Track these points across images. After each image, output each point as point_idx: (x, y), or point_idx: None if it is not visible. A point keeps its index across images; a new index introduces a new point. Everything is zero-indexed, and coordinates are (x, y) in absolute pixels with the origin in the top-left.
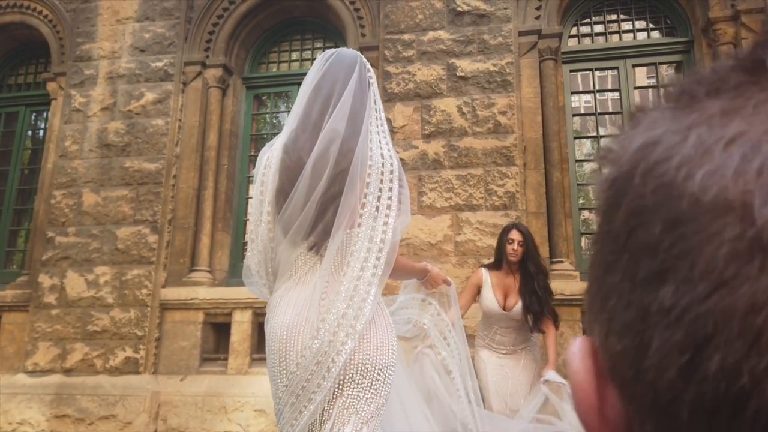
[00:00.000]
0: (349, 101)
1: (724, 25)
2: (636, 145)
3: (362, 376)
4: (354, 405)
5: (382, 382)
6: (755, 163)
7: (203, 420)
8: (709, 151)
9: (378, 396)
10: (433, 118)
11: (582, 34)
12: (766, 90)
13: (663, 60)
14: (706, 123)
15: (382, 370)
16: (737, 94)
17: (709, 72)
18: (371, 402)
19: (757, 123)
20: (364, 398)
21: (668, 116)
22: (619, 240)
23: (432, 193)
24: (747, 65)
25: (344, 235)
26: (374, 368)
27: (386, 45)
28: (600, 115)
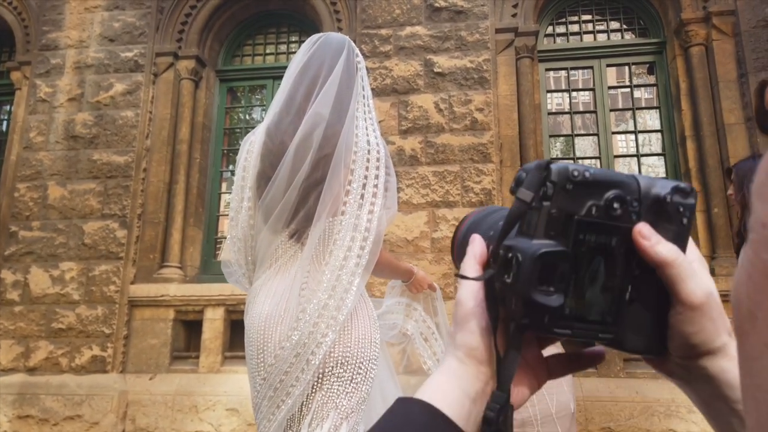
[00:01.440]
0: (336, 85)
1: (695, 26)
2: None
3: (342, 369)
4: (334, 399)
5: (364, 376)
6: None
7: (173, 420)
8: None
9: (359, 390)
10: (410, 113)
11: (557, 34)
12: None
13: (636, 60)
14: None
15: (363, 364)
16: None
17: None
18: (352, 396)
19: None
20: (344, 392)
21: None
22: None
23: (409, 189)
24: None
25: (327, 223)
26: (355, 361)
27: (363, 39)
28: (574, 114)
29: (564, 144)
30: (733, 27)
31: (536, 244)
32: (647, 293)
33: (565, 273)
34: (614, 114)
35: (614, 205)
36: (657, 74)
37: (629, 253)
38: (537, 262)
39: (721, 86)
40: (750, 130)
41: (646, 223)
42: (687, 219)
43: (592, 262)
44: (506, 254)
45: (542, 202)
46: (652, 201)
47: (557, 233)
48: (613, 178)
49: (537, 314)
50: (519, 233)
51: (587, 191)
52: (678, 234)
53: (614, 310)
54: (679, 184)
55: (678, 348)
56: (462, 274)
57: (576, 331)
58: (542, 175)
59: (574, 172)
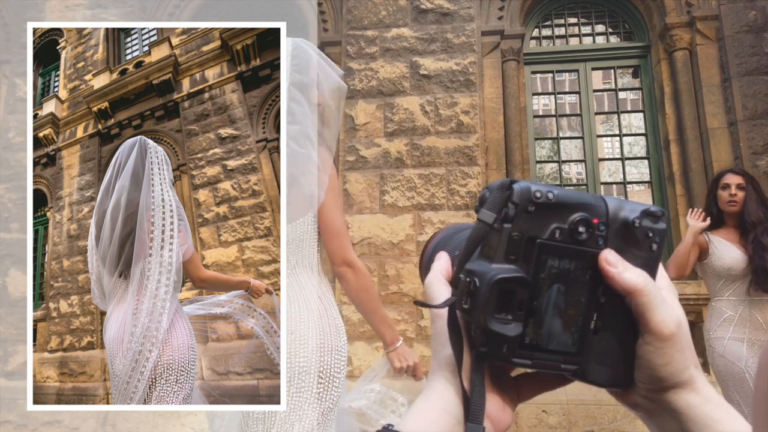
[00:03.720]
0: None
1: (680, 30)
2: None
3: (301, 379)
4: (296, 411)
5: (326, 386)
6: None
7: (155, 425)
8: None
9: (324, 400)
10: (396, 116)
11: (543, 36)
12: None
13: (621, 64)
14: None
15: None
16: None
17: None
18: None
19: None
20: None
21: None
22: None
23: (394, 192)
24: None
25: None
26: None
27: (349, 41)
28: (559, 117)
29: (550, 147)
30: (717, 32)
31: (494, 269)
32: (614, 322)
33: (524, 300)
34: (599, 117)
35: (579, 229)
36: (642, 78)
37: (595, 279)
38: (494, 288)
39: (704, 90)
40: (733, 135)
41: (611, 250)
42: (657, 245)
43: (554, 288)
44: (465, 279)
45: (503, 224)
46: (620, 225)
47: (518, 257)
48: (579, 200)
49: (495, 343)
50: (481, 256)
51: (551, 213)
52: (647, 260)
53: (578, 339)
54: (650, 207)
55: (645, 380)
56: (422, 302)
57: (536, 362)
58: (504, 196)
59: (536, 192)
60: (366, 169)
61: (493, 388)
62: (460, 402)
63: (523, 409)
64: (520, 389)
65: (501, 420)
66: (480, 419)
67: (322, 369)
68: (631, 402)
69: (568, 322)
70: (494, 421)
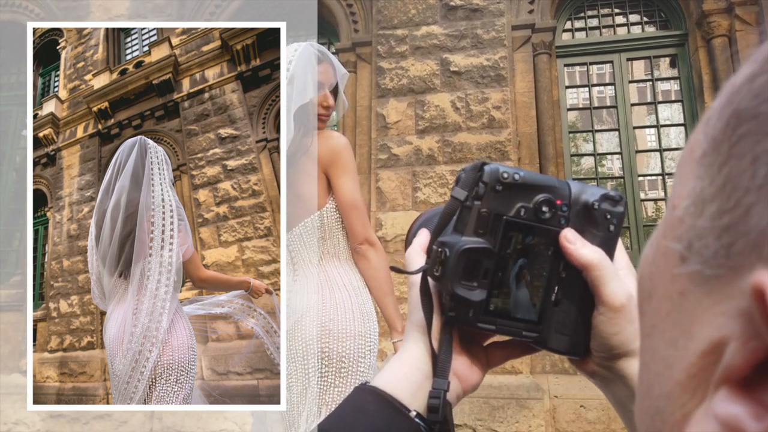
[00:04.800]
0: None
1: (718, 17)
2: None
3: (324, 364)
4: (322, 396)
5: (348, 370)
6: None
7: (199, 418)
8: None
9: (348, 385)
10: (427, 113)
11: (576, 29)
12: None
13: (657, 53)
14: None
15: (346, 358)
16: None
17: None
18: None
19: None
20: (332, 385)
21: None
22: None
23: (426, 188)
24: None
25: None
26: (337, 356)
27: (379, 40)
28: (595, 109)
29: (584, 140)
30: (757, 17)
31: (463, 241)
32: (573, 295)
33: (489, 270)
34: (637, 108)
35: (543, 209)
36: (679, 67)
37: (557, 255)
38: (461, 257)
39: None
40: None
41: (571, 229)
42: (614, 226)
43: (518, 261)
44: (437, 249)
45: (474, 201)
46: (581, 207)
47: (485, 232)
48: (543, 182)
49: (462, 308)
50: (453, 230)
51: (517, 193)
52: (604, 240)
53: (539, 309)
54: (609, 192)
55: (599, 348)
56: (397, 268)
57: (500, 328)
58: (476, 175)
59: (504, 173)
60: (398, 166)
61: (463, 351)
62: (429, 360)
63: (560, 404)
64: (490, 356)
65: (468, 378)
66: (445, 375)
67: (346, 354)
68: (588, 370)
69: (531, 293)
70: (462, 378)
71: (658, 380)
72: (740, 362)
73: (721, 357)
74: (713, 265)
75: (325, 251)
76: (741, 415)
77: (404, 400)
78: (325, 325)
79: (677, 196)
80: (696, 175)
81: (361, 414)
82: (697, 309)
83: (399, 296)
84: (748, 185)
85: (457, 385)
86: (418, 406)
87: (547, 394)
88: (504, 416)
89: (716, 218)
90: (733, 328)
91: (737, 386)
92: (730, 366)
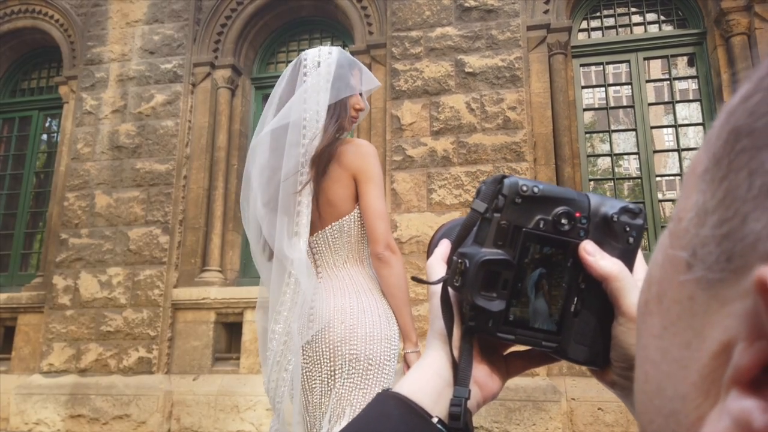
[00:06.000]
0: (279, 91)
1: (737, 15)
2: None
3: (351, 366)
4: (347, 396)
5: (375, 373)
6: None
7: (216, 419)
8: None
9: (373, 387)
10: (442, 114)
11: (592, 28)
12: None
13: (675, 52)
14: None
15: (373, 360)
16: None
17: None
18: (366, 392)
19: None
20: (357, 387)
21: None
22: None
23: (441, 190)
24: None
25: (330, 229)
26: (365, 358)
27: (394, 42)
28: (612, 109)
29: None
30: None
31: (482, 252)
32: (592, 306)
33: (509, 280)
34: (654, 108)
35: (562, 221)
36: (697, 66)
37: (576, 267)
38: (480, 268)
39: None
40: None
41: (590, 241)
42: (633, 238)
43: (537, 272)
44: (458, 260)
45: (494, 213)
46: (600, 219)
47: (505, 243)
48: (562, 195)
49: (482, 317)
50: (474, 242)
51: (536, 206)
52: (624, 252)
53: (559, 320)
54: (628, 205)
55: (619, 359)
56: (418, 278)
57: (519, 337)
58: (495, 188)
59: (523, 186)
60: (413, 168)
61: (483, 360)
62: (450, 367)
63: (578, 407)
64: (510, 365)
65: (488, 387)
66: (466, 383)
67: (372, 356)
68: (609, 380)
69: (550, 303)
70: (482, 386)
71: (671, 381)
72: (748, 362)
73: (730, 358)
74: (716, 270)
75: (349, 256)
76: (750, 408)
77: (426, 406)
78: (352, 328)
79: (682, 209)
80: (699, 190)
81: (385, 419)
82: (707, 312)
83: (414, 298)
84: (745, 196)
85: (478, 393)
86: (440, 412)
87: (564, 397)
88: (521, 418)
89: (717, 227)
90: (739, 329)
91: (747, 387)
92: (739, 367)
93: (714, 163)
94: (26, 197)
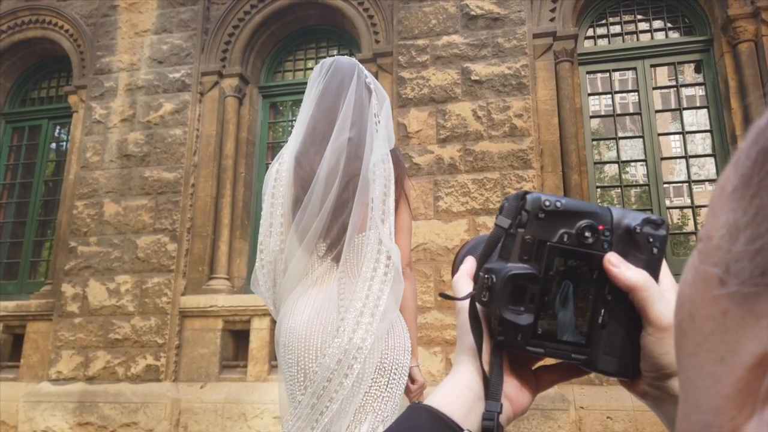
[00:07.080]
0: (351, 110)
1: (744, 22)
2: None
3: (379, 374)
4: (371, 403)
5: (398, 381)
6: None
7: (223, 427)
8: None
9: (394, 395)
10: (448, 122)
11: (598, 35)
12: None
13: (682, 59)
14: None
15: (397, 369)
16: None
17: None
18: (388, 401)
19: None
20: (381, 397)
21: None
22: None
23: (448, 197)
24: None
25: (357, 240)
26: (391, 367)
27: (400, 50)
28: (619, 116)
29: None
30: None
31: (509, 267)
32: (620, 317)
33: (535, 294)
34: (661, 115)
35: (586, 234)
36: (704, 73)
37: (602, 279)
38: (507, 282)
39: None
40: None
41: (614, 253)
42: (657, 249)
43: (563, 285)
44: (484, 275)
45: (518, 228)
46: (623, 231)
47: (530, 258)
48: (585, 209)
49: (510, 332)
50: (499, 257)
51: (559, 220)
52: (648, 262)
53: (587, 332)
54: (650, 216)
55: (649, 369)
56: (446, 294)
57: (549, 350)
58: (519, 204)
59: (546, 201)
60: (420, 175)
61: (512, 374)
62: (480, 382)
63: (586, 415)
64: (539, 379)
65: (519, 401)
66: (498, 397)
67: (396, 366)
68: (640, 391)
69: (577, 316)
70: (512, 401)
71: (706, 396)
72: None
73: (767, 371)
74: (750, 284)
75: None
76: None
77: (457, 419)
78: (381, 337)
79: (712, 228)
80: (729, 209)
81: (417, 431)
82: (742, 326)
83: (421, 305)
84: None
85: (508, 407)
86: (470, 426)
87: (572, 405)
88: (529, 427)
89: (750, 243)
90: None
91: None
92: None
93: (744, 183)
94: (35, 205)
